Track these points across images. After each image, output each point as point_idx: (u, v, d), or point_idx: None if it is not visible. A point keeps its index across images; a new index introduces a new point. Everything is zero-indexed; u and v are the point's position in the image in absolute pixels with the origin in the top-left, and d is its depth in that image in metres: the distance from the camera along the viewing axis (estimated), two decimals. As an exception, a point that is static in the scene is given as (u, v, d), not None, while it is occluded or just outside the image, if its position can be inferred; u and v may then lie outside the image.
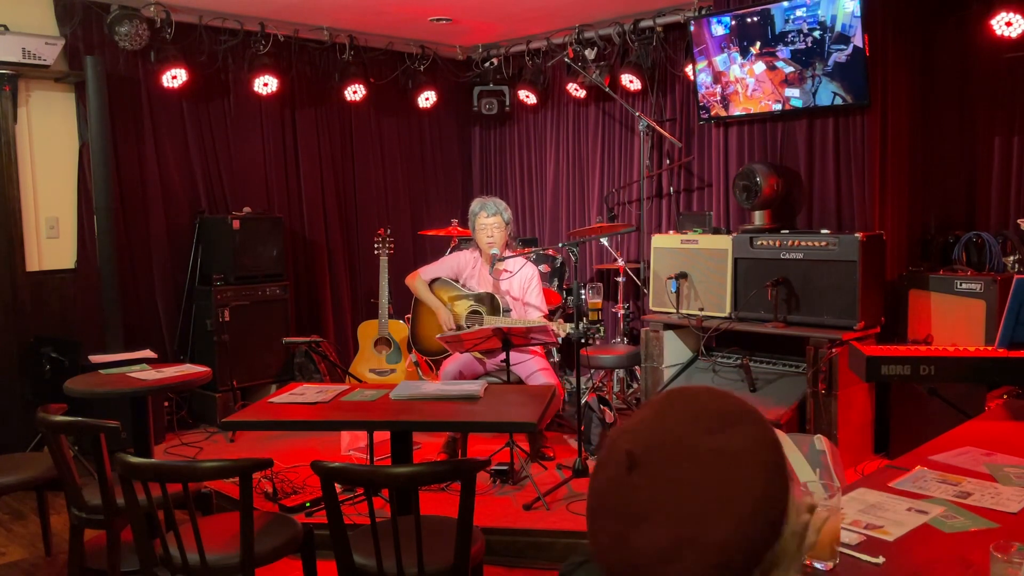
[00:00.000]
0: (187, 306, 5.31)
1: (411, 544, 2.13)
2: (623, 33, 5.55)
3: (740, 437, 0.87)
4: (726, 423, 0.88)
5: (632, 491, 0.86)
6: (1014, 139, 4.22)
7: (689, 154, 5.47)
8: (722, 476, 0.84)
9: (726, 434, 0.87)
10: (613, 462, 0.89)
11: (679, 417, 0.90)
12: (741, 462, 0.85)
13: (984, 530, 1.52)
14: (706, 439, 0.86)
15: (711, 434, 0.87)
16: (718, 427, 0.87)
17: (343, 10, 5.35)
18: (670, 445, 0.87)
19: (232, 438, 4.85)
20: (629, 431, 0.92)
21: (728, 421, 0.88)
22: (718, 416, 0.89)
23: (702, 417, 0.89)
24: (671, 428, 0.89)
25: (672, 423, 0.90)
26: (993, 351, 2.56)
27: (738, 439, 0.86)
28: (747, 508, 0.83)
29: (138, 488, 2.26)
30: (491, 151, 6.95)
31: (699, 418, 0.89)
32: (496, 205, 4.42)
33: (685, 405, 0.91)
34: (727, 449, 0.86)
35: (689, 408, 0.91)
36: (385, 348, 5.12)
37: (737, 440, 0.86)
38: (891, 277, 4.31)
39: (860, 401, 4.08)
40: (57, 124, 4.85)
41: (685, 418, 0.90)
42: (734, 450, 0.86)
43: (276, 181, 5.79)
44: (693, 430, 0.88)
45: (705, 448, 0.86)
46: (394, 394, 3.00)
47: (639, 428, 0.91)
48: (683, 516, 0.83)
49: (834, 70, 4.25)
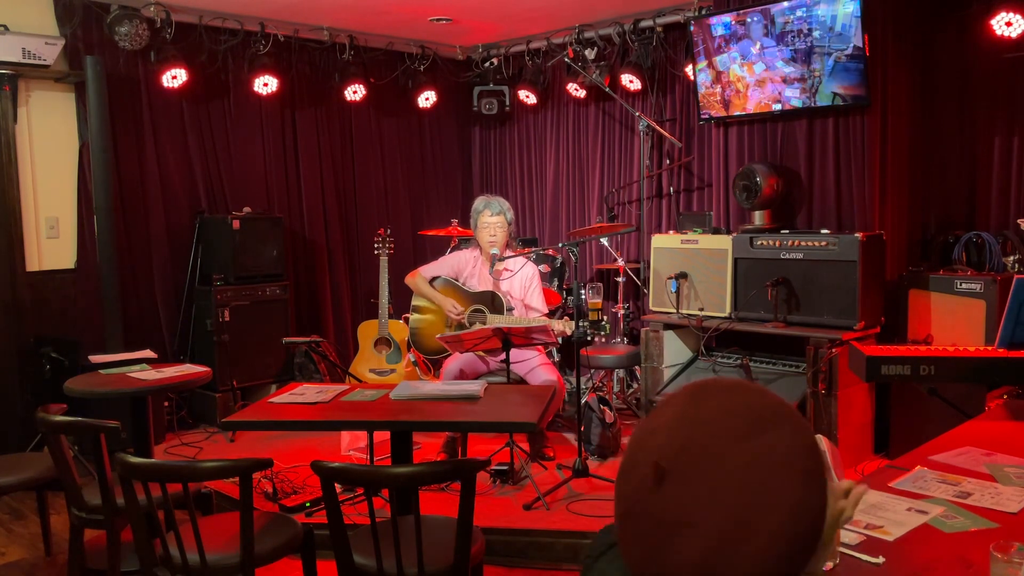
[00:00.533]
0: (187, 306, 5.31)
1: (411, 544, 2.13)
2: (623, 33, 5.55)
3: (775, 443, 0.81)
4: (759, 427, 0.82)
5: (663, 504, 0.82)
6: (1014, 139, 4.22)
7: (689, 154, 5.47)
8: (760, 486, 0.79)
9: (760, 440, 0.81)
10: (640, 471, 0.84)
11: (707, 420, 0.84)
12: (777, 472, 0.80)
13: (984, 530, 1.52)
14: (738, 446, 0.81)
15: (744, 440, 0.81)
16: (751, 432, 0.82)
17: (343, 10, 5.35)
18: (701, 452, 0.82)
19: (232, 438, 4.85)
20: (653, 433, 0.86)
21: (762, 425, 0.82)
22: (750, 419, 0.83)
23: (733, 420, 0.83)
24: (701, 432, 0.83)
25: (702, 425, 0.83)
26: (993, 351, 2.56)
27: (773, 445, 0.81)
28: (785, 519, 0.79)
29: (138, 488, 2.26)
30: (491, 151, 6.95)
31: (730, 422, 0.83)
32: (500, 204, 4.43)
33: (717, 404, 0.85)
34: (762, 458, 0.80)
35: (718, 410, 0.85)
36: (385, 348, 5.12)
37: (772, 447, 0.81)
38: (891, 277, 4.31)
39: (860, 401, 4.08)
40: (57, 124, 4.85)
41: (717, 420, 0.84)
42: (769, 459, 0.81)
43: (276, 181, 5.78)
44: (724, 436, 0.82)
45: (738, 456, 0.80)
46: (394, 394, 3.00)
47: (666, 432, 0.85)
48: (721, 531, 0.79)
49: (834, 70, 4.25)
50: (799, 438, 0.83)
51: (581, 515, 3.51)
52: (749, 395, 0.85)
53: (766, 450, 0.81)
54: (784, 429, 0.82)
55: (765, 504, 0.79)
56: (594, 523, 3.42)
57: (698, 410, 0.85)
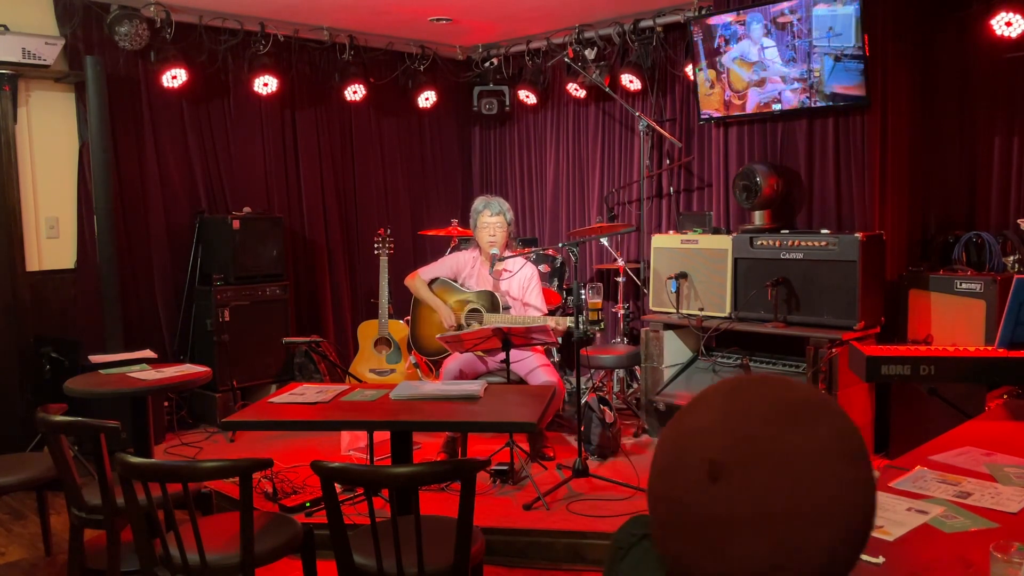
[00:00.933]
0: (187, 306, 5.31)
1: (411, 544, 2.13)
2: (623, 33, 5.55)
3: (824, 430, 0.82)
4: (805, 416, 0.83)
5: (721, 500, 0.81)
6: (1014, 139, 4.22)
7: (689, 154, 5.47)
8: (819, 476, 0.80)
9: (809, 428, 0.82)
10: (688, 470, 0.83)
11: (753, 413, 0.84)
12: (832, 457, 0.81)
13: (984, 530, 1.52)
14: (788, 437, 0.81)
15: (793, 430, 0.82)
16: (798, 420, 0.82)
17: (343, 10, 5.35)
18: (751, 447, 0.81)
19: (232, 438, 4.85)
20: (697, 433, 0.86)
21: (808, 414, 0.83)
22: (795, 409, 0.84)
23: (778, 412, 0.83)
24: (748, 426, 0.83)
25: (748, 421, 0.83)
26: (993, 351, 2.56)
27: (823, 432, 0.82)
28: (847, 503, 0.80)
29: (138, 488, 2.26)
30: (491, 151, 6.95)
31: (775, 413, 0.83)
32: (500, 205, 4.43)
33: (756, 399, 0.85)
34: (813, 446, 0.81)
35: (761, 402, 0.85)
36: (385, 348, 5.12)
37: (822, 433, 0.82)
38: (891, 277, 4.31)
39: (860, 401, 4.08)
40: (57, 124, 4.85)
41: (760, 414, 0.83)
42: (822, 445, 0.81)
43: (276, 181, 5.78)
44: (773, 427, 0.82)
45: (790, 447, 0.81)
46: (394, 394, 3.00)
47: (711, 431, 0.85)
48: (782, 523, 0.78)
49: (834, 70, 4.25)
50: (844, 422, 0.84)
51: (581, 515, 3.51)
52: (785, 386, 0.86)
53: (817, 437, 0.82)
54: (829, 415, 0.84)
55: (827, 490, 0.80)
56: (594, 523, 3.42)
57: (742, 404, 0.86)
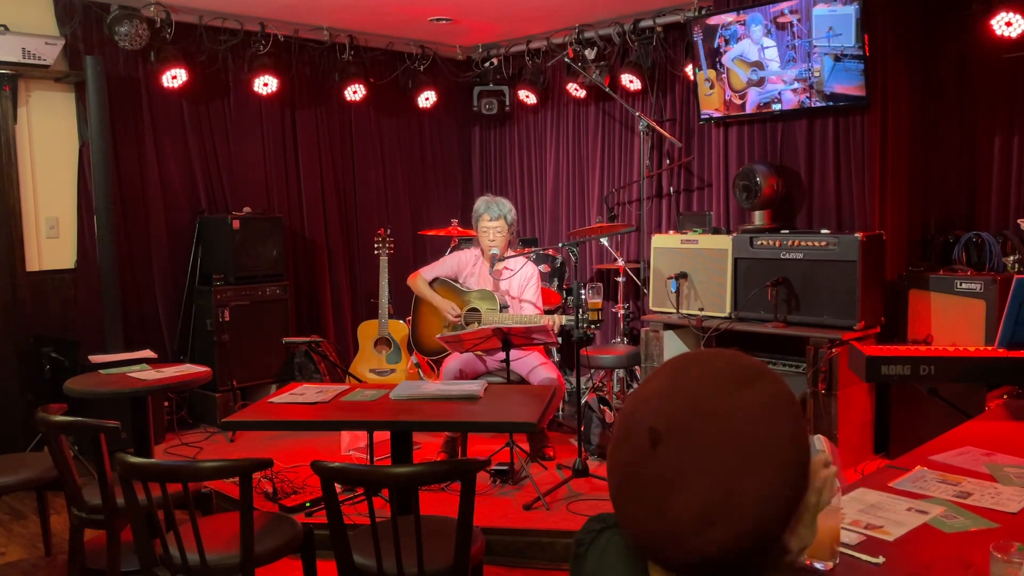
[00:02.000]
0: (187, 306, 5.31)
1: (411, 544, 2.13)
2: (623, 33, 5.54)
3: (759, 393, 0.88)
4: (742, 382, 0.88)
5: (660, 463, 0.86)
6: (1014, 139, 4.22)
7: (689, 154, 5.47)
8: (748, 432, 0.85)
9: (746, 392, 0.87)
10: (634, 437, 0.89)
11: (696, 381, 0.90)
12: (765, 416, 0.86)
13: (984, 530, 1.52)
14: (726, 399, 0.87)
15: (731, 394, 0.87)
16: (736, 386, 0.88)
17: (343, 10, 5.35)
18: (691, 411, 0.87)
19: (232, 438, 4.85)
20: (645, 402, 0.92)
21: (745, 379, 0.89)
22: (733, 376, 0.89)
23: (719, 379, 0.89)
24: (689, 394, 0.89)
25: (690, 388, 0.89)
26: (993, 351, 2.56)
27: (758, 395, 0.87)
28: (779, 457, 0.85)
29: (138, 488, 2.26)
30: (491, 151, 6.95)
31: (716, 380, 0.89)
32: (500, 208, 4.40)
33: (700, 369, 0.91)
34: (749, 406, 0.86)
35: (705, 371, 0.91)
36: (385, 348, 5.12)
37: (758, 396, 0.87)
38: (891, 277, 4.31)
39: (860, 401, 4.08)
40: (57, 124, 4.85)
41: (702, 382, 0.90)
42: (756, 406, 0.87)
43: (276, 181, 5.78)
44: (712, 392, 0.88)
45: (727, 408, 0.86)
46: (394, 394, 3.00)
47: (656, 399, 0.91)
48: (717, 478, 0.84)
49: (834, 70, 4.25)
50: (778, 387, 0.89)
51: (581, 515, 3.51)
52: (729, 357, 0.92)
53: (751, 400, 0.87)
54: (764, 381, 0.89)
55: (757, 449, 0.85)
56: (594, 523, 3.41)
57: (685, 376, 0.92)
